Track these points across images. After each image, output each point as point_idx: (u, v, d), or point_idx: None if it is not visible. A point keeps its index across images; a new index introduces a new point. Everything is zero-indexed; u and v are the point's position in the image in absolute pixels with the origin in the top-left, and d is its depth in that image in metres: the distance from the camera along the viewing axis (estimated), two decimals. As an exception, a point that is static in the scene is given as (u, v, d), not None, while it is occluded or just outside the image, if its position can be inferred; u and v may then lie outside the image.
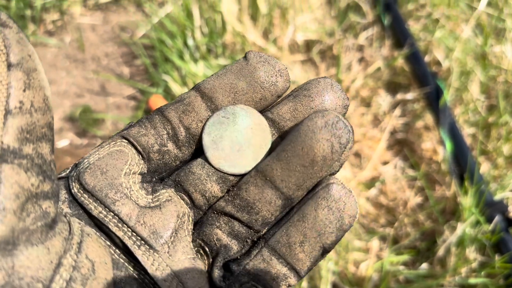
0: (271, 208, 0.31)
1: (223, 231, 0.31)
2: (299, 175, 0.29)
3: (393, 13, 1.33)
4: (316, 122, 0.28)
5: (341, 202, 0.29)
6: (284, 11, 1.32)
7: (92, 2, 1.47)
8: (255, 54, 0.32)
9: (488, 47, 1.29)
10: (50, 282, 0.23)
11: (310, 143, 0.28)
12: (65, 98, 1.27)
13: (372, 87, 1.26)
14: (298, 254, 0.30)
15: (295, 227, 0.30)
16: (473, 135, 1.17)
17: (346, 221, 0.29)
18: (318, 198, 0.29)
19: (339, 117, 0.29)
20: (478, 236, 0.95)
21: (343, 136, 0.28)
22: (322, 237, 0.29)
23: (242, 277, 0.30)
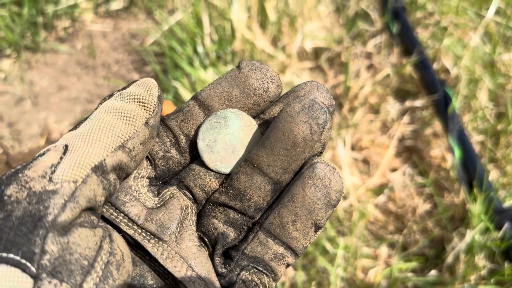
0: (262, 193, 0.33)
1: (219, 220, 0.33)
2: (284, 159, 0.31)
3: (401, 21, 1.34)
4: (294, 107, 0.30)
5: (326, 179, 0.31)
6: (293, 19, 1.33)
7: (103, 10, 1.49)
8: (247, 63, 0.34)
9: (496, 55, 1.29)
10: (94, 261, 0.25)
11: (289, 127, 0.30)
12: (76, 104, 1.29)
13: (380, 94, 1.26)
14: (292, 233, 0.31)
15: (286, 208, 0.31)
16: (482, 143, 1.17)
17: (333, 196, 0.31)
18: (305, 178, 0.31)
19: (314, 100, 0.30)
20: (487, 243, 0.95)
21: (320, 117, 0.30)
22: (313, 214, 0.31)
23: (242, 261, 0.32)
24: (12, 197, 0.24)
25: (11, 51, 1.36)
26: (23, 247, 0.23)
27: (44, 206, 0.24)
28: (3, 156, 1.15)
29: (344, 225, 1.04)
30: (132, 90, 0.31)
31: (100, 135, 0.28)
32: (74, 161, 0.26)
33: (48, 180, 0.25)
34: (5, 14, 1.34)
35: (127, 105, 0.30)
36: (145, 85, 0.32)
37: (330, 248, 0.99)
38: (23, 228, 0.23)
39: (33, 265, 0.23)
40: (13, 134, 1.20)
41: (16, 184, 0.25)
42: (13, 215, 0.24)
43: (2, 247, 0.23)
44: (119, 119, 0.29)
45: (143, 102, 0.31)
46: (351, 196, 1.06)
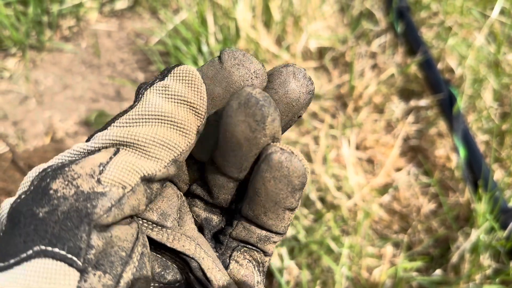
0: (226, 191, 0.32)
1: (199, 208, 0.34)
2: (234, 159, 0.30)
3: (406, 20, 1.34)
4: (232, 105, 0.28)
5: (283, 168, 0.29)
6: (297, 18, 1.34)
7: (108, 9, 1.49)
8: (229, 55, 0.31)
9: (501, 55, 1.29)
10: (131, 252, 0.26)
11: (230, 129, 0.28)
12: (80, 102, 1.29)
13: (385, 94, 1.26)
14: (267, 221, 0.31)
15: (254, 202, 0.31)
16: (487, 142, 1.17)
17: (296, 182, 0.29)
18: (262, 172, 0.29)
19: (250, 94, 0.28)
20: (492, 242, 0.94)
21: (257, 114, 0.28)
22: (280, 203, 0.30)
23: (231, 243, 0.33)
24: (58, 192, 0.24)
25: (16, 50, 1.37)
26: (69, 242, 0.23)
27: (92, 204, 0.24)
28: (8, 154, 1.15)
29: (349, 225, 1.04)
30: (179, 88, 0.29)
31: (153, 149, 0.27)
32: (124, 165, 0.26)
33: (96, 181, 0.25)
34: (10, 13, 1.35)
35: (178, 111, 0.29)
36: (192, 82, 0.29)
37: (334, 247, 0.99)
38: (69, 223, 0.23)
39: (79, 259, 0.23)
40: (18, 133, 1.20)
41: (62, 179, 0.25)
42: (58, 209, 0.24)
43: (46, 241, 0.23)
44: (174, 131, 0.28)
45: (194, 108, 0.29)
46: (355, 195, 1.06)
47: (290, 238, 1.00)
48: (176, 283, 0.31)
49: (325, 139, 1.16)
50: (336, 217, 1.04)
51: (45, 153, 1.17)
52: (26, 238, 0.23)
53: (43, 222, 0.23)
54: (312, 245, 0.98)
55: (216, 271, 0.30)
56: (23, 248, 0.23)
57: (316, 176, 1.10)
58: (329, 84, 1.29)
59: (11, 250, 0.23)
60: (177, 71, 0.30)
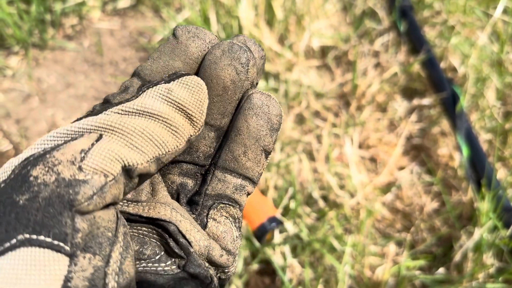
0: (207, 142, 0.34)
1: (173, 174, 0.34)
2: (219, 104, 0.32)
3: (409, 19, 1.34)
4: (215, 53, 0.31)
5: (264, 106, 0.32)
6: (300, 17, 1.33)
7: (111, 8, 1.49)
8: (183, 30, 0.32)
9: (504, 54, 1.29)
10: (116, 232, 0.26)
11: (215, 73, 0.31)
12: (83, 101, 1.29)
13: (388, 93, 1.26)
14: (245, 163, 0.33)
15: (235, 142, 0.33)
16: (490, 141, 1.17)
17: (274, 120, 0.32)
18: (245, 110, 0.32)
19: (232, 42, 0.31)
20: (495, 241, 0.94)
21: (242, 57, 0.31)
22: (260, 141, 0.32)
23: (206, 202, 0.33)
24: (38, 179, 0.24)
25: (19, 48, 1.37)
26: (54, 229, 0.23)
27: (74, 191, 0.24)
28: (12, 152, 1.15)
29: (352, 223, 1.04)
30: (182, 94, 0.29)
31: (140, 141, 0.27)
32: (107, 152, 0.26)
33: (78, 168, 0.24)
34: (13, 12, 1.35)
35: (175, 116, 0.29)
36: (197, 92, 0.30)
37: (337, 245, 0.99)
38: (51, 210, 0.23)
39: (67, 244, 0.23)
40: (21, 131, 1.20)
41: (42, 165, 0.24)
42: (39, 196, 0.23)
43: (30, 229, 0.22)
44: (165, 130, 0.29)
45: (192, 120, 0.30)
46: (358, 194, 1.06)
47: (292, 236, 1.00)
48: (156, 255, 0.31)
49: (328, 138, 1.16)
50: (339, 216, 1.04)
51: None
52: (8, 227, 0.22)
53: (24, 209, 0.23)
54: (315, 244, 0.98)
55: (195, 232, 0.31)
56: (5, 237, 0.22)
57: (319, 174, 1.10)
58: (332, 83, 1.29)
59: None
60: (186, 79, 0.30)
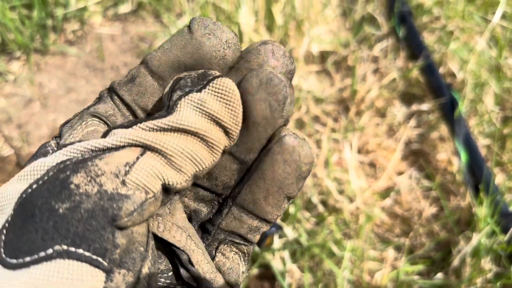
0: (228, 172, 0.31)
1: (189, 198, 0.32)
2: (246, 139, 0.29)
3: (408, 25, 1.34)
4: (251, 82, 0.28)
5: (295, 153, 0.29)
6: (300, 23, 1.34)
7: (112, 13, 1.50)
8: (199, 24, 0.30)
9: (502, 59, 1.30)
10: (147, 246, 0.25)
11: (248, 106, 0.28)
12: (84, 105, 1.30)
13: (387, 98, 1.27)
14: (264, 207, 0.31)
15: (257, 185, 0.30)
16: (488, 146, 1.18)
17: (304, 169, 0.30)
18: (273, 154, 0.29)
19: (273, 73, 0.28)
20: (493, 246, 0.95)
21: (279, 93, 0.28)
22: (284, 189, 0.30)
23: (218, 235, 0.32)
24: (80, 188, 0.23)
25: (20, 54, 1.38)
26: (95, 244, 0.22)
27: (118, 206, 0.23)
28: (13, 158, 1.16)
29: (351, 228, 1.05)
30: (216, 106, 0.27)
31: (181, 162, 0.26)
32: (150, 169, 0.25)
33: (121, 182, 0.24)
34: (15, 17, 1.36)
35: (210, 128, 0.27)
36: (231, 102, 0.28)
37: (336, 250, 0.99)
38: (94, 223, 0.22)
39: (105, 260, 0.22)
40: (22, 136, 1.21)
41: (84, 173, 0.23)
42: (81, 207, 0.22)
43: (69, 241, 0.22)
44: (202, 147, 0.27)
45: (229, 132, 0.28)
46: (357, 199, 1.07)
47: (292, 241, 1.01)
48: (170, 271, 0.30)
49: (327, 143, 1.16)
50: (338, 221, 1.05)
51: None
52: (45, 235, 0.21)
53: (64, 219, 0.22)
54: (314, 248, 0.98)
55: (205, 264, 0.30)
56: (41, 246, 0.21)
57: (318, 179, 1.11)
58: (331, 88, 1.30)
59: (24, 247, 0.22)
60: (217, 85, 0.28)
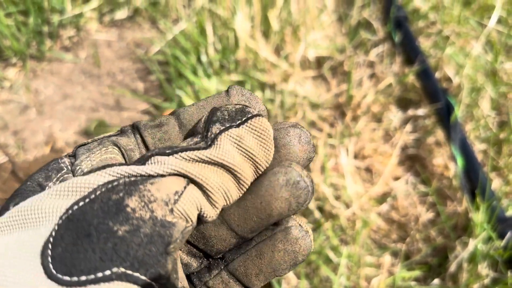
0: (225, 243, 0.32)
1: (182, 251, 0.33)
2: (255, 224, 0.30)
3: (404, 30, 1.35)
4: (278, 179, 0.29)
5: (297, 245, 0.30)
6: (296, 28, 1.35)
7: (108, 19, 1.51)
8: (237, 90, 0.32)
9: (498, 64, 1.30)
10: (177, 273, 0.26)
11: (269, 199, 0.29)
12: (80, 112, 1.30)
13: (383, 103, 1.27)
14: (254, 281, 0.32)
15: (252, 262, 0.31)
16: (484, 151, 1.18)
17: (300, 258, 0.31)
18: (276, 240, 0.30)
19: (301, 176, 0.29)
20: (490, 252, 0.95)
21: (301, 196, 0.29)
22: (277, 272, 0.31)
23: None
24: (136, 213, 0.23)
25: (16, 60, 1.38)
26: (151, 269, 0.22)
27: (170, 232, 0.24)
28: (8, 165, 1.16)
29: (347, 234, 1.04)
30: (252, 144, 0.28)
31: (215, 198, 0.27)
32: (194, 199, 0.26)
33: (169, 210, 0.24)
34: (11, 23, 1.36)
35: (244, 165, 0.28)
36: (266, 141, 0.29)
37: (333, 257, 0.99)
38: (153, 248, 0.23)
39: (157, 284, 0.23)
40: (18, 143, 1.21)
41: (139, 198, 0.24)
42: (140, 231, 0.23)
43: (128, 264, 0.22)
44: (234, 184, 0.28)
45: (258, 167, 0.29)
46: (354, 204, 1.07)
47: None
48: None
49: (324, 148, 1.16)
50: (334, 227, 1.04)
51: (45, 163, 1.17)
52: (103, 255, 0.22)
53: (123, 241, 0.22)
54: (310, 255, 0.98)
55: None
56: (99, 266, 0.22)
57: (315, 185, 1.11)
58: (328, 93, 1.30)
59: (81, 265, 0.22)
60: (255, 123, 0.29)
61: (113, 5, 1.51)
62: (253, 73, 1.27)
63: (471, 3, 1.49)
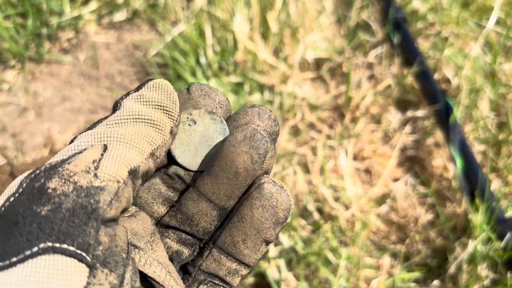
0: (208, 219, 0.33)
1: (172, 240, 0.34)
2: (227, 187, 0.32)
3: (402, 31, 1.35)
4: (236, 136, 0.31)
5: (273, 199, 0.31)
6: (295, 30, 1.35)
7: (107, 21, 1.50)
8: (196, 87, 0.34)
9: (497, 65, 1.30)
10: (128, 254, 0.26)
11: (231, 157, 0.31)
12: (79, 114, 1.30)
13: (382, 104, 1.27)
14: (243, 250, 0.33)
15: (236, 228, 0.32)
16: (484, 152, 1.18)
17: (281, 214, 0.32)
18: (252, 198, 0.31)
19: (256, 130, 0.31)
20: (489, 253, 0.95)
21: (260, 147, 0.31)
22: (261, 233, 0.32)
23: (199, 276, 0.33)
24: (57, 190, 0.24)
25: (15, 62, 1.38)
26: (78, 238, 0.23)
27: (95, 200, 0.24)
28: (7, 167, 1.16)
29: (347, 235, 1.04)
30: (153, 95, 0.31)
31: (136, 141, 0.29)
32: (115, 161, 0.27)
33: (93, 176, 0.25)
34: (9, 26, 1.36)
35: (153, 113, 0.31)
36: (164, 90, 0.32)
37: (332, 258, 0.99)
38: (76, 220, 0.24)
39: (88, 255, 0.23)
40: (17, 145, 1.21)
41: (58, 178, 0.25)
42: (62, 207, 0.24)
43: (54, 238, 0.23)
44: (150, 128, 0.30)
45: (168, 111, 0.31)
46: (353, 206, 1.07)
47: (287, 249, 1.00)
48: None
49: (323, 150, 1.16)
50: (334, 228, 1.04)
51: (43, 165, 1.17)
52: (29, 236, 0.23)
53: (47, 219, 0.23)
54: (310, 257, 0.98)
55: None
56: (26, 245, 0.22)
57: (314, 187, 1.11)
58: (327, 95, 1.30)
59: (11, 250, 0.22)
60: (150, 83, 0.32)
61: (111, 7, 1.50)
62: (252, 74, 1.27)
63: (469, 4, 1.49)
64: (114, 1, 1.50)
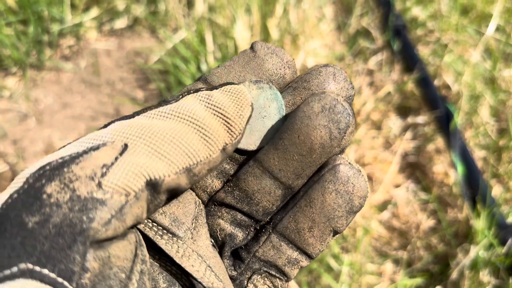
0: (271, 198, 0.29)
1: (225, 221, 0.31)
2: (297, 164, 0.28)
3: (402, 38, 1.35)
4: (313, 107, 0.27)
5: (349, 184, 0.27)
6: (295, 37, 1.35)
7: (108, 28, 1.51)
8: (262, 45, 0.30)
9: (497, 71, 1.31)
10: (131, 273, 0.23)
11: (306, 131, 0.27)
12: (80, 121, 1.30)
13: (382, 111, 1.27)
14: (308, 239, 0.29)
15: (303, 213, 0.28)
16: (484, 158, 1.18)
17: (356, 202, 0.28)
18: (325, 181, 0.28)
19: (337, 100, 0.27)
20: (491, 259, 0.95)
21: (341, 121, 0.27)
22: (332, 221, 0.28)
23: (253, 264, 0.30)
24: (52, 197, 0.21)
25: (16, 69, 1.38)
26: (60, 264, 0.20)
27: (88, 217, 0.21)
28: (8, 173, 1.15)
29: (349, 242, 1.04)
30: (223, 99, 0.26)
31: (169, 149, 0.24)
32: (130, 167, 0.22)
33: (96, 185, 0.21)
34: (11, 33, 1.36)
35: (211, 120, 0.25)
36: (238, 100, 0.27)
37: (334, 265, 0.99)
38: (60, 240, 0.20)
39: (71, 284, 0.20)
40: (18, 151, 1.21)
41: (59, 182, 0.21)
42: (50, 221, 0.20)
43: (35, 259, 0.20)
44: (197, 136, 0.25)
45: (229, 124, 0.26)
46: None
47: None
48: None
49: (324, 156, 1.16)
50: (335, 234, 1.04)
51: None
52: (11, 252, 0.20)
53: (31, 234, 0.20)
54: (312, 263, 0.98)
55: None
56: (7, 263, 0.19)
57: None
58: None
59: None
60: (227, 86, 0.28)
61: (112, 15, 1.51)
62: (252, 81, 1.28)
63: (468, 11, 1.50)
64: (115, 8, 1.50)
